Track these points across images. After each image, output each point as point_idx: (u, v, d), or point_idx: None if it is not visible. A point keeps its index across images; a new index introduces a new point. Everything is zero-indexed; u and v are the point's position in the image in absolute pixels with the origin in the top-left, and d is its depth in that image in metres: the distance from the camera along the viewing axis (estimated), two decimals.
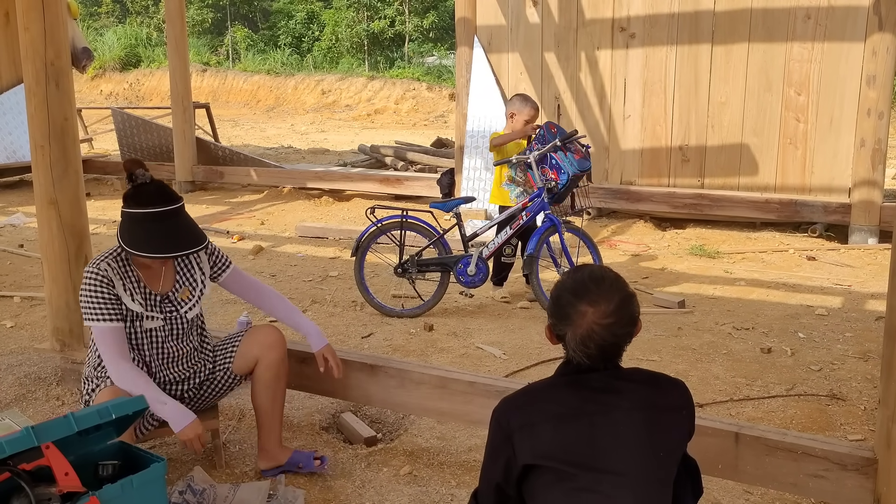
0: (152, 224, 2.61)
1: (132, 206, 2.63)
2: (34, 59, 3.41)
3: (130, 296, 2.71)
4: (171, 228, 2.63)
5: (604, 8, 7.19)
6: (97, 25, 29.34)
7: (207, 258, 2.93)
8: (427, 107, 19.91)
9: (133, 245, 2.60)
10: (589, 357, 1.78)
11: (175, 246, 2.61)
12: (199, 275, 2.90)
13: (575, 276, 1.85)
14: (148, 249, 2.59)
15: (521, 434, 1.78)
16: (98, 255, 2.73)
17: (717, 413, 3.46)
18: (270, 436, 2.93)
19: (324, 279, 5.75)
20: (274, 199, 8.98)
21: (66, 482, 2.09)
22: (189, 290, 2.86)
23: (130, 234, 2.61)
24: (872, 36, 6.20)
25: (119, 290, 2.68)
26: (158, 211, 2.62)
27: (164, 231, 2.61)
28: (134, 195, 2.65)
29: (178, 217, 2.66)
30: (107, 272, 2.67)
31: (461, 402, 2.91)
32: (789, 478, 2.40)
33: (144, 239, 2.59)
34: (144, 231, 2.60)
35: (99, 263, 2.68)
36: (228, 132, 16.11)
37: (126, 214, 2.64)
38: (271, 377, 2.90)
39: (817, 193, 6.64)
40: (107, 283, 2.66)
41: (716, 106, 6.93)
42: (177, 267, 2.86)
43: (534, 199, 4.89)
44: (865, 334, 4.41)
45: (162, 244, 2.60)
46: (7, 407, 3.53)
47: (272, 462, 2.94)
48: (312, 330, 2.97)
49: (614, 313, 1.76)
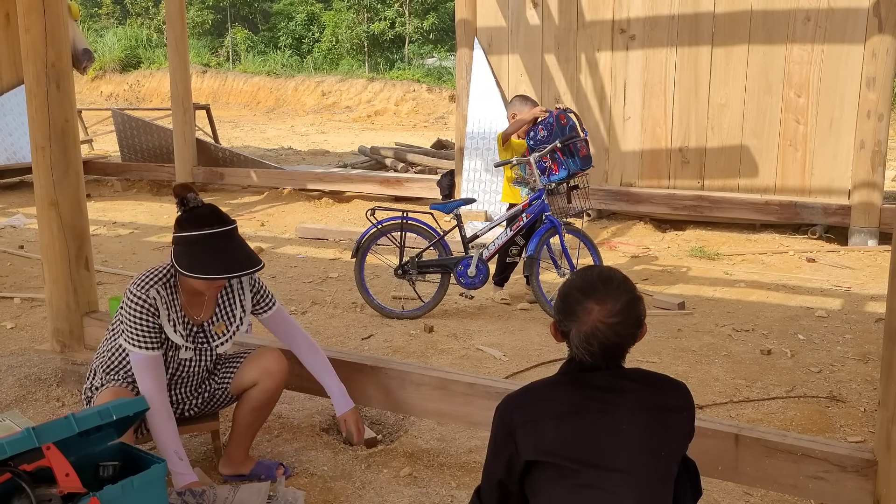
0: (211, 245, 2.54)
1: (188, 230, 2.56)
2: (35, 60, 3.42)
3: (173, 326, 2.65)
4: (231, 249, 2.58)
5: (604, 10, 7.19)
6: (97, 27, 29.37)
7: (251, 294, 2.84)
8: (427, 108, 19.93)
9: (194, 268, 2.52)
10: (591, 355, 1.79)
11: (237, 265, 2.55)
12: (238, 310, 2.83)
13: (584, 275, 1.87)
14: (211, 271, 2.52)
15: (523, 430, 1.79)
16: (147, 276, 2.64)
17: (717, 414, 3.46)
18: (240, 447, 2.93)
19: (324, 280, 5.75)
20: (274, 201, 8.98)
21: (67, 483, 2.09)
22: (225, 324, 2.80)
23: (189, 257, 2.53)
24: (872, 38, 6.21)
25: (163, 320, 2.63)
26: (216, 232, 2.56)
27: (224, 251, 2.56)
28: (188, 219, 2.58)
29: (234, 238, 2.61)
30: (155, 301, 2.60)
31: (461, 403, 2.91)
32: (789, 479, 2.40)
33: (206, 261, 2.52)
34: (204, 253, 2.53)
35: (148, 290, 2.60)
36: (228, 133, 16.12)
37: (182, 238, 2.57)
38: (262, 401, 2.88)
39: (817, 195, 6.64)
40: (153, 313, 2.60)
41: (716, 108, 6.93)
42: (219, 299, 2.79)
43: (534, 201, 4.90)
44: (865, 336, 4.41)
45: (224, 264, 2.54)
46: (7, 408, 3.53)
47: (234, 469, 2.94)
48: (338, 392, 2.88)
49: (620, 313, 1.77)
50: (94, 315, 3.73)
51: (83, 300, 3.70)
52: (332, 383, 2.89)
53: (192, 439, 3.23)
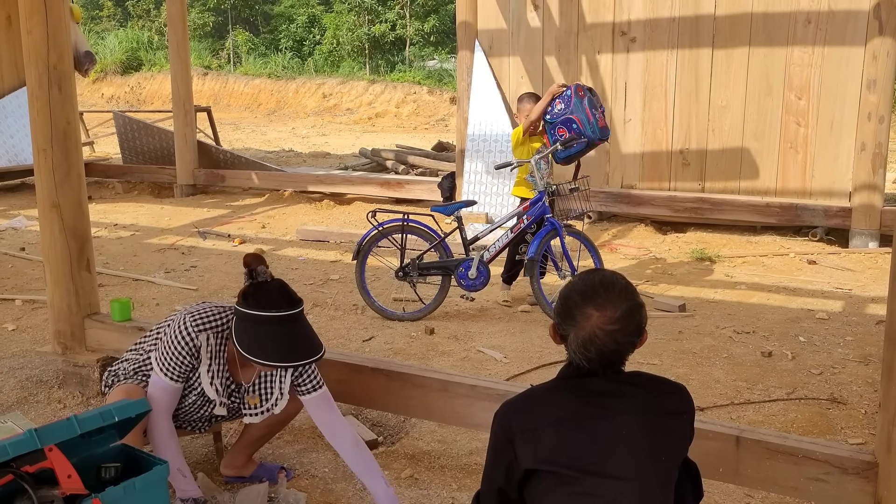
0: (275, 328, 2.41)
1: (253, 307, 2.43)
2: (37, 62, 3.42)
3: (211, 377, 2.60)
4: (295, 334, 2.45)
5: (604, 12, 7.20)
6: (99, 29, 29.41)
7: (291, 376, 2.68)
8: (428, 110, 19.94)
9: (253, 351, 2.40)
10: (588, 361, 1.78)
11: (297, 354, 2.42)
12: (276, 390, 2.70)
13: (586, 279, 1.84)
14: (272, 358, 2.40)
15: (523, 438, 1.78)
16: (206, 316, 2.57)
17: (718, 417, 3.46)
18: (244, 454, 2.94)
19: (325, 282, 5.76)
20: (275, 203, 8.99)
21: (69, 484, 2.09)
22: (260, 398, 2.70)
23: (250, 337, 2.42)
24: (873, 40, 6.22)
25: (202, 369, 2.58)
26: (282, 315, 2.42)
27: (287, 337, 2.43)
28: (255, 294, 2.46)
29: (300, 321, 2.47)
30: (201, 346, 2.55)
31: (462, 405, 2.91)
32: (790, 481, 2.40)
33: (266, 344, 2.40)
34: (266, 336, 2.41)
35: (199, 332, 2.54)
36: (229, 136, 16.13)
37: (246, 315, 2.43)
38: (279, 420, 2.85)
39: (818, 197, 6.64)
40: (194, 356, 2.55)
41: (716, 110, 6.94)
42: (263, 372, 2.69)
43: (534, 203, 4.90)
44: (866, 338, 4.41)
45: (284, 352, 2.41)
46: (9, 410, 3.53)
47: (235, 472, 2.94)
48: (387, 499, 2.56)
49: (620, 320, 1.75)
50: (96, 317, 3.73)
51: (84, 302, 3.70)
52: (379, 489, 2.57)
53: (193, 441, 3.23)
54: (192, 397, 2.65)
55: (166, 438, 2.58)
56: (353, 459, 2.63)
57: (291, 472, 2.98)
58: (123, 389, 2.63)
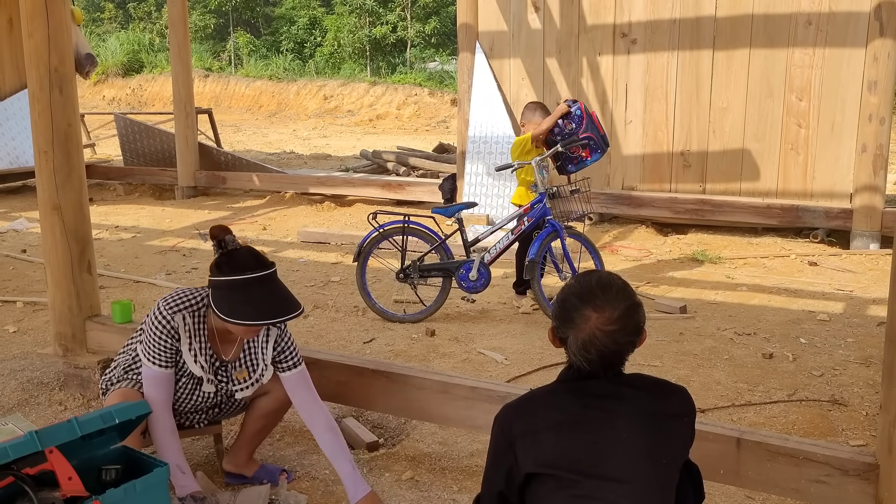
0: (253, 291, 2.49)
1: (228, 274, 2.50)
2: (38, 65, 3.43)
3: (194, 356, 2.64)
4: (270, 294, 2.52)
5: (605, 14, 7.21)
6: (100, 31, 29.47)
7: (273, 347, 2.74)
8: (429, 112, 19.95)
9: (233, 314, 2.46)
10: (589, 363, 1.78)
11: (277, 311, 2.49)
12: (261, 363, 2.76)
13: (582, 281, 1.84)
14: (252, 317, 2.46)
15: (523, 442, 1.78)
16: (178, 298, 2.62)
17: (719, 418, 3.46)
18: (245, 450, 2.94)
19: (326, 284, 5.76)
20: (276, 205, 8.99)
21: (70, 486, 2.09)
22: (248, 371, 2.76)
23: (230, 303, 2.47)
24: (874, 41, 6.22)
25: (183, 347, 2.61)
26: (258, 276, 2.50)
27: (264, 297, 2.50)
28: (228, 262, 2.53)
29: (275, 282, 2.56)
30: (178, 327, 2.59)
31: (463, 407, 2.91)
32: (791, 483, 2.40)
33: (245, 307, 2.46)
34: (244, 298, 2.47)
35: (174, 313, 2.58)
36: (230, 137, 16.14)
37: (222, 283, 2.51)
38: (273, 408, 2.88)
39: (819, 199, 6.64)
40: (172, 336, 2.59)
41: (717, 111, 6.94)
42: (245, 344, 2.74)
43: (535, 205, 4.90)
44: (867, 340, 4.41)
45: (266, 311, 2.48)
46: (10, 412, 3.54)
47: (237, 469, 2.94)
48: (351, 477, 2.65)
49: (618, 321, 1.75)
50: (97, 319, 3.74)
51: (85, 304, 3.70)
52: (345, 467, 2.65)
53: (193, 443, 3.24)
54: (183, 380, 2.68)
55: (167, 435, 2.59)
56: (325, 441, 2.70)
57: (292, 475, 2.99)
58: (120, 393, 2.63)
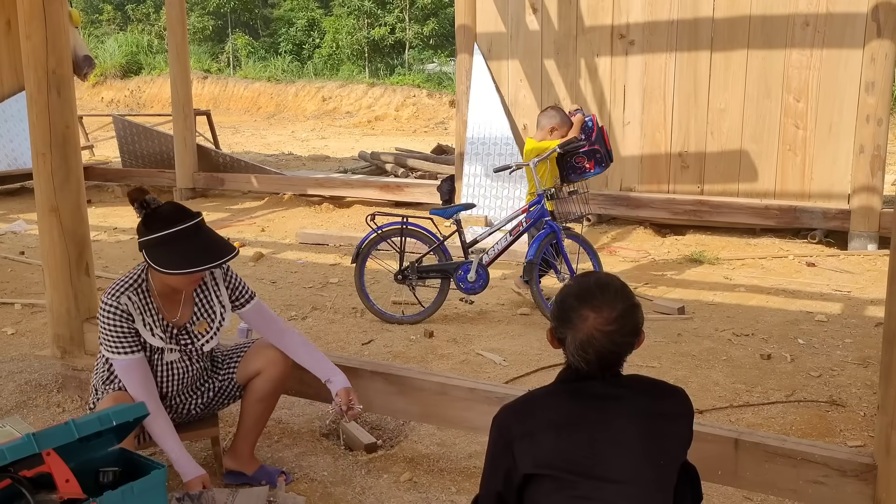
0: (183, 241, 2.54)
1: (157, 230, 2.54)
2: (36, 67, 3.43)
3: (150, 330, 2.66)
4: (203, 241, 2.58)
5: (603, 15, 7.21)
6: (98, 33, 29.45)
7: (227, 290, 2.83)
8: (427, 113, 19.96)
9: (172, 266, 2.50)
10: (587, 363, 1.78)
11: (214, 255, 2.55)
12: (217, 307, 2.82)
13: (581, 281, 1.85)
14: (191, 265, 2.51)
15: (521, 443, 1.78)
16: (117, 285, 2.65)
17: (717, 419, 3.46)
18: (246, 442, 2.95)
19: (324, 286, 5.76)
20: (274, 206, 8.99)
21: (67, 489, 2.09)
22: (207, 322, 2.80)
23: (166, 257, 2.52)
24: (871, 42, 6.22)
25: (139, 325, 2.64)
26: (186, 227, 2.55)
27: (198, 244, 2.55)
28: (154, 219, 2.58)
29: (204, 229, 2.61)
30: (126, 307, 2.61)
31: (461, 408, 2.91)
32: (789, 484, 2.40)
33: (182, 256, 2.52)
34: (177, 249, 2.52)
35: (119, 297, 2.62)
36: (229, 139, 16.14)
37: (152, 240, 2.55)
38: (268, 390, 2.89)
39: (817, 200, 6.65)
40: (126, 318, 2.61)
41: (715, 112, 6.94)
42: (195, 298, 2.79)
43: (533, 206, 4.90)
44: (865, 340, 4.41)
45: (205, 255, 2.54)
46: (8, 414, 3.53)
47: (237, 466, 2.95)
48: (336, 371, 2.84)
49: (616, 321, 1.76)
50: (95, 321, 3.73)
51: (84, 306, 3.70)
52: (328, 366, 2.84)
53: (191, 445, 3.23)
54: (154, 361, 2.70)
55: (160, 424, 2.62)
56: (303, 355, 2.84)
57: (291, 476, 2.98)
58: (111, 398, 2.64)
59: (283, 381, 2.91)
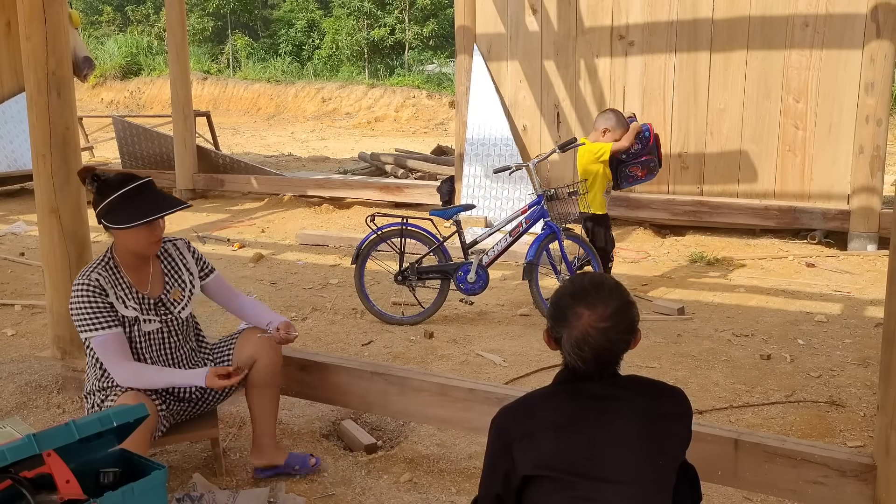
0: (137, 197, 2.67)
1: (111, 194, 2.67)
2: (36, 68, 3.43)
3: (123, 303, 2.73)
4: (156, 195, 2.72)
5: (602, 16, 7.21)
6: (98, 34, 29.44)
7: (192, 257, 2.98)
8: (427, 114, 19.95)
9: (133, 219, 2.63)
10: (583, 361, 1.78)
11: (172, 203, 2.71)
12: (186, 275, 2.95)
13: (575, 281, 1.87)
14: (151, 213, 2.64)
15: (520, 444, 1.78)
16: (86, 267, 2.76)
17: (717, 420, 3.46)
18: (264, 434, 2.96)
19: (324, 287, 5.76)
20: (274, 207, 8.99)
21: (68, 490, 2.09)
22: (179, 290, 2.91)
23: (121, 215, 2.65)
24: (870, 43, 6.22)
25: (112, 299, 2.71)
26: (138, 185, 2.69)
27: (151, 199, 2.69)
28: (105, 185, 2.70)
29: (155, 188, 2.76)
30: (98, 281, 2.69)
31: (461, 409, 2.91)
32: (789, 484, 2.41)
33: (140, 210, 2.65)
34: (132, 206, 2.65)
35: (89, 274, 2.71)
36: (229, 140, 16.14)
37: (107, 205, 2.67)
38: (266, 378, 2.92)
39: (816, 200, 6.65)
40: (99, 293, 2.68)
41: (715, 113, 6.95)
42: (164, 268, 2.90)
43: (533, 206, 4.91)
44: (865, 341, 4.41)
45: (156, 207, 2.67)
46: (8, 415, 3.54)
47: (266, 460, 2.96)
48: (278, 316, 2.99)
49: (611, 318, 1.77)
50: None
51: None
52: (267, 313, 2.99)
53: (191, 447, 3.23)
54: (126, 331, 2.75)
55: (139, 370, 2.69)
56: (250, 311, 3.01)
57: (320, 460, 3.03)
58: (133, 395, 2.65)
59: (279, 364, 2.96)
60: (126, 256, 2.78)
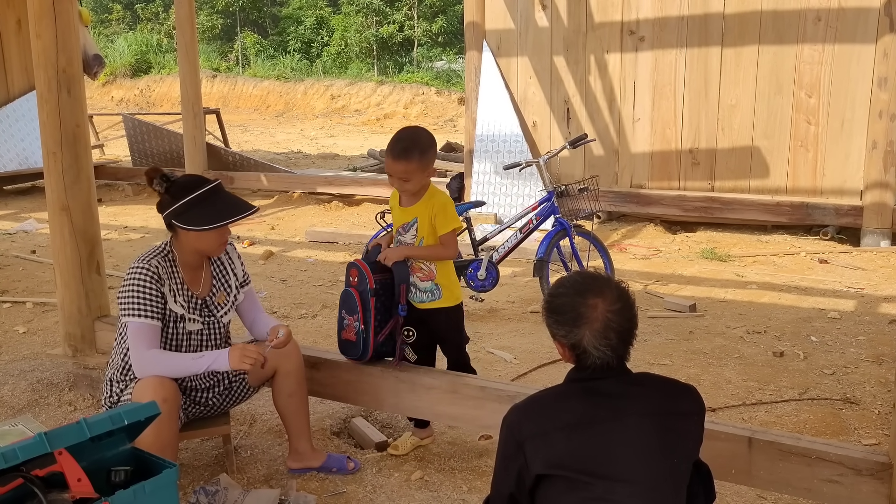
0: (210, 200, 2.68)
1: (183, 197, 2.66)
2: (46, 66, 3.43)
3: (174, 296, 2.74)
4: (228, 198, 2.75)
5: (613, 11, 7.18)
6: (108, 32, 29.54)
7: (238, 260, 2.98)
8: (436, 111, 19.92)
9: (206, 222, 2.65)
10: (612, 349, 1.79)
11: (239, 210, 2.72)
12: (233, 280, 2.95)
13: (566, 282, 1.90)
14: (223, 219, 2.67)
15: (533, 443, 1.77)
16: (145, 253, 2.75)
17: (730, 417, 3.44)
18: (300, 438, 2.98)
19: (334, 284, 5.76)
20: (284, 205, 9.00)
21: (79, 488, 2.09)
22: (224, 294, 2.90)
23: (198, 217, 2.66)
24: (884, 37, 6.17)
25: (165, 290, 2.71)
26: (210, 188, 2.70)
27: (224, 201, 2.72)
28: (178, 188, 2.69)
29: (225, 190, 2.78)
30: (157, 269, 2.69)
31: (472, 406, 2.90)
32: (803, 483, 2.38)
33: (215, 213, 2.66)
34: (208, 208, 2.67)
35: (150, 259, 2.71)
36: (238, 137, 16.16)
37: (180, 206, 2.66)
38: (293, 384, 2.93)
39: (829, 196, 6.60)
40: (157, 280, 2.68)
41: (726, 109, 6.90)
42: (214, 272, 2.89)
43: (543, 203, 4.89)
44: (879, 338, 4.38)
45: (230, 210, 2.70)
46: (20, 412, 3.54)
47: (304, 463, 2.98)
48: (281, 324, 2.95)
49: (620, 298, 1.81)
50: (106, 319, 3.74)
51: (94, 304, 3.71)
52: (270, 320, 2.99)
53: (203, 443, 3.24)
54: (170, 327, 2.74)
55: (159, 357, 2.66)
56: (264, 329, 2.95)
57: (359, 463, 3.04)
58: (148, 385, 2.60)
59: (301, 369, 2.96)
60: (188, 255, 2.77)
